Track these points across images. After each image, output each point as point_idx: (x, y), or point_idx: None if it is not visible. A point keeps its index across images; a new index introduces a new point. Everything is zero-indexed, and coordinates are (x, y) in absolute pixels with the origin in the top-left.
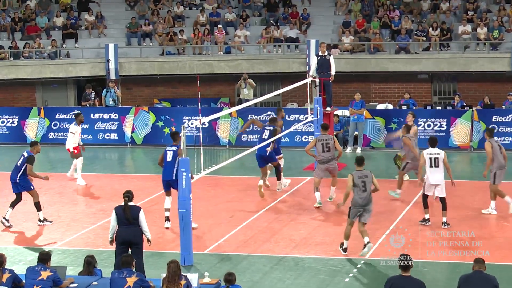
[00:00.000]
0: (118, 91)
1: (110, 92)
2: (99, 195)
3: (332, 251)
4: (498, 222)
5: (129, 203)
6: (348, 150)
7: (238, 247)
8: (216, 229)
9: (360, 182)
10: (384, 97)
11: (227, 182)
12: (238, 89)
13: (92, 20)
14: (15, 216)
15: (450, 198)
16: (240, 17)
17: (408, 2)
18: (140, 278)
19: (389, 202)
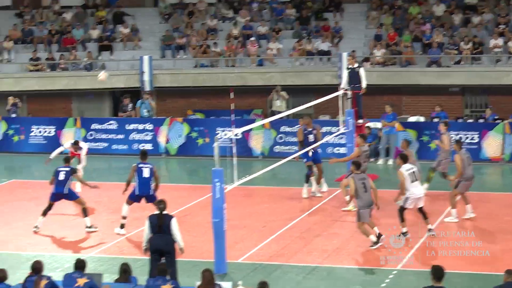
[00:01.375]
0: (152, 102)
1: (144, 104)
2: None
3: (365, 261)
4: None
5: (163, 212)
6: (380, 162)
7: (271, 256)
8: (249, 238)
9: (361, 184)
10: (415, 109)
11: (260, 193)
12: (271, 101)
13: (127, 32)
14: (52, 224)
15: (482, 209)
16: (272, 30)
17: (440, 16)
18: (174, 286)
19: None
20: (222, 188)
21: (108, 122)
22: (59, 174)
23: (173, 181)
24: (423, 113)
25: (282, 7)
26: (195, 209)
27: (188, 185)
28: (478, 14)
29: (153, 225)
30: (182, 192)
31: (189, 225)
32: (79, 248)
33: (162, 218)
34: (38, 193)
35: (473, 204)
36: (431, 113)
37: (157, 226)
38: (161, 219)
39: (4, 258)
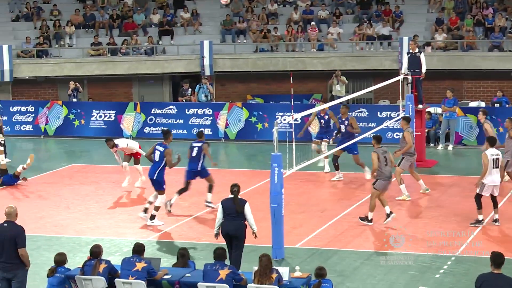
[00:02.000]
0: (210, 87)
1: (202, 88)
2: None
3: (423, 247)
4: None
5: (237, 196)
6: (440, 147)
7: (329, 241)
8: (307, 224)
9: (383, 158)
10: (476, 94)
11: (319, 178)
12: (331, 86)
13: (188, 17)
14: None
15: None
16: (333, 15)
17: (503, 0)
18: (232, 271)
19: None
20: (280, 173)
21: (168, 106)
22: (193, 150)
23: (232, 166)
24: (484, 98)
25: None
26: (254, 194)
27: (247, 170)
28: None
29: (226, 209)
30: (241, 176)
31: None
32: (138, 233)
33: (237, 202)
34: (97, 177)
35: None
36: (493, 98)
37: (231, 210)
38: (236, 203)
39: (64, 241)
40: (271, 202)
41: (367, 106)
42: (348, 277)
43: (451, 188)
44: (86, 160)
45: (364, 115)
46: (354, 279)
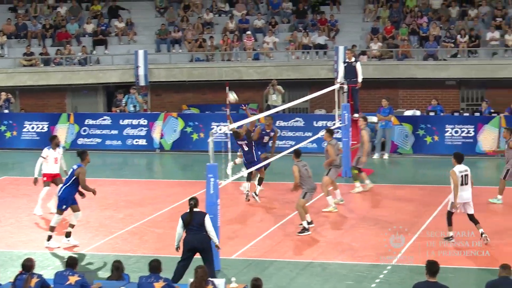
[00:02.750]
0: (139, 97)
1: (131, 98)
2: (128, 200)
3: (359, 257)
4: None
5: (194, 209)
6: (376, 156)
7: (265, 252)
8: (243, 234)
9: (304, 170)
10: (411, 103)
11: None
12: (267, 96)
13: (122, 26)
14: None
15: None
16: (269, 24)
17: (437, 9)
18: (167, 283)
19: (418, 208)
20: (216, 183)
21: (102, 117)
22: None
23: (167, 177)
24: (420, 107)
25: (278, 0)
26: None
27: (182, 180)
28: (475, 7)
29: (186, 223)
30: (176, 187)
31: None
32: (71, 246)
33: (193, 216)
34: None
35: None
36: (428, 107)
37: (190, 224)
38: (191, 217)
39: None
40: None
41: (303, 115)
42: (284, 287)
43: (387, 198)
44: (18, 172)
45: (300, 125)
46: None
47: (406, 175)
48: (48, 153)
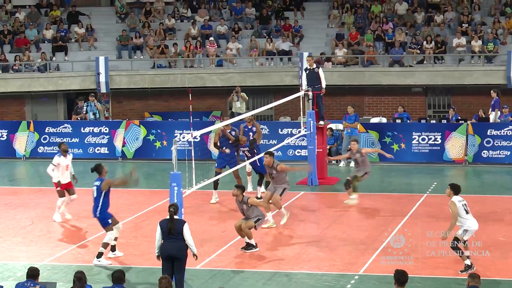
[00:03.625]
0: (98, 104)
1: (90, 106)
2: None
3: (326, 267)
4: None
5: (173, 216)
6: (342, 165)
7: (230, 262)
8: (208, 244)
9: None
10: (378, 110)
11: (220, 197)
12: (231, 103)
13: (82, 32)
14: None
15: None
16: (232, 30)
17: (402, 15)
18: None
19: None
20: (180, 192)
21: (63, 125)
22: None
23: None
24: (386, 114)
25: (241, 5)
26: (153, 214)
27: (145, 189)
28: (441, 13)
29: (164, 231)
30: (139, 196)
31: (146, 231)
32: (32, 256)
33: (174, 223)
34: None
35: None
36: (394, 114)
37: (168, 231)
38: (173, 224)
39: None
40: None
41: (268, 123)
42: None
43: (354, 206)
44: None
45: (265, 132)
46: None
47: (373, 183)
48: (59, 161)
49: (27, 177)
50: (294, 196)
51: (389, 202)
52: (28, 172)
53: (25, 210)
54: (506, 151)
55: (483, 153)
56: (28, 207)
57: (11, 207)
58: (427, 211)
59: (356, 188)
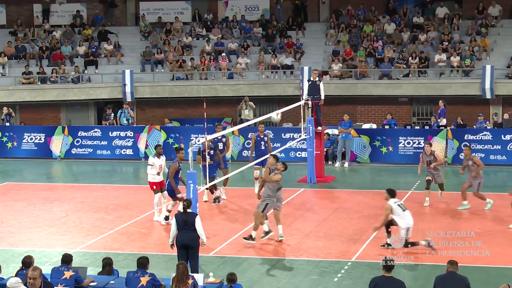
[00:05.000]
0: (131, 111)
1: (124, 113)
2: (117, 203)
3: (323, 254)
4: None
5: (187, 209)
6: (337, 165)
7: (239, 250)
8: (220, 234)
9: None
10: (369, 117)
11: (230, 193)
12: (240, 111)
13: (111, 49)
14: (42, 222)
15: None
16: (241, 47)
17: (390, 34)
18: (152, 278)
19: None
20: (195, 188)
21: (93, 130)
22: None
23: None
24: (376, 121)
25: (250, 25)
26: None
27: None
28: (424, 32)
29: (179, 222)
30: None
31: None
32: (66, 244)
33: (187, 216)
34: (29, 194)
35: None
36: (383, 121)
37: (183, 223)
38: (186, 217)
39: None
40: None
41: (272, 128)
42: (256, 281)
43: (347, 201)
44: (18, 178)
45: (271, 137)
46: (262, 283)
47: (364, 181)
48: (153, 161)
49: (62, 175)
50: (295, 192)
51: (379, 198)
52: (63, 170)
53: (60, 204)
54: (481, 154)
55: (460, 155)
56: (63, 201)
57: (48, 201)
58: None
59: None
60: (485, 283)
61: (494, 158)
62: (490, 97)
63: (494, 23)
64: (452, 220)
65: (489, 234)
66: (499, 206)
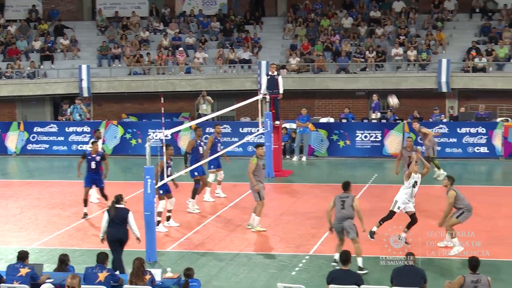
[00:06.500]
0: (84, 107)
1: (76, 108)
2: (73, 200)
3: (281, 248)
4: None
5: (117, 205)
6: (295, 159)
7: (197, 245)
8: (177, 229)
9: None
10: (326, 111)
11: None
12: (197, 105)
13: (67, 43)
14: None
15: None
16: (199, 41)
17: (348, 28)
18: (110, 274)
19: None
20: (153, 184)
21: (49, 125)
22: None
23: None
24: (333, 114)
25: (207, 20)
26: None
27: (122, 182)
28: (381, 26)
29: (110, 217)
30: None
31: None
32: (22, 241)
33: (117, 211)
34: None
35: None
36: (341, 115)
37: (113, 218)
38: (116, 211)
39: None
40: (144, 210)
41: (230, 123)
42: (214, 276)
43: (305, 195)
44: None
45: (228, 131)
46: (219, 278)
47: (322, 175)
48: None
49: (17, 171)
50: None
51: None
52: (19, 167)
53: (16, 200)
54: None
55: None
56: (18, 198)
57: (3, 198)
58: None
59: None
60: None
61: (450, 151)
62: (446, 90)
63: (450, 17)
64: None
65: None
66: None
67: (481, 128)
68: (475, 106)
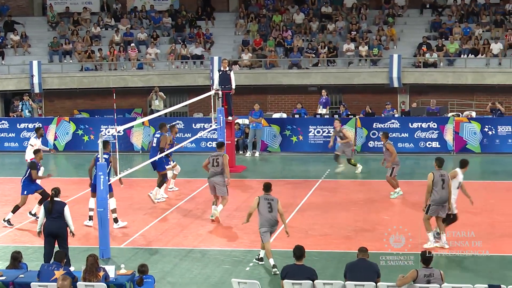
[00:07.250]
0: (33, 103)
1: (25, 105)
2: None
3: (235, 244)
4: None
5: (55, 198)
6: (248, 154)
7: (151, 241)
8: (131, 225)
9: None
10: (279, 107)
11: (141, 184)
12: (150, 101)
13: (18, 39)
14: None
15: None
16: (151, 37)
17: (299, 24)
18: (66, 272)
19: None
20: (106, 180)
21: (0, 122)
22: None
23: (62, 175)
24: (286, 110)
25: (159, 15)
26: (82, 200)
27: (75, 178)
28: (333, 22)
29: (47, 211)
30: (70, 184)
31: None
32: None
33: (54, 204)
34: None
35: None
36: (293, 110)
37: (49, 211)
38: (53, 205)
39: None
40: (97, 206)
41: (183, 118)
42: (168, 272)
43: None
44: None
45: (181, 127)
46: (174, 274)
47: (275, 170)
48: (35, 142)
49: None
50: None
51: (290, 187)
52: None
53: None
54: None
55: (369, 143)
56: None
57: None
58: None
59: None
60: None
61: (402, 146)
62: (398, 85)
63: (401, 12)
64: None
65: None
66: (406, 193)
67: (433, 123)
68: (426, 101)
